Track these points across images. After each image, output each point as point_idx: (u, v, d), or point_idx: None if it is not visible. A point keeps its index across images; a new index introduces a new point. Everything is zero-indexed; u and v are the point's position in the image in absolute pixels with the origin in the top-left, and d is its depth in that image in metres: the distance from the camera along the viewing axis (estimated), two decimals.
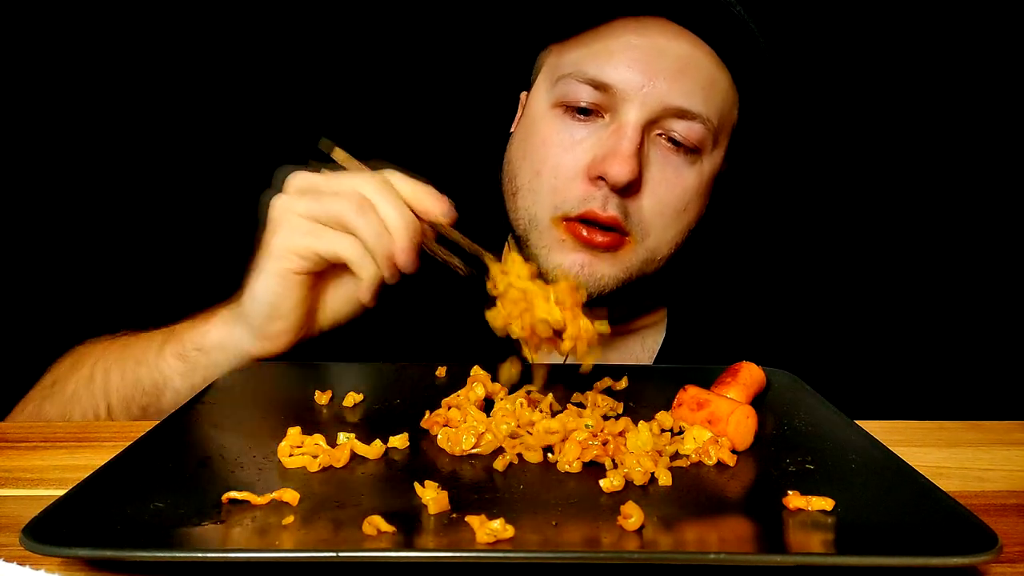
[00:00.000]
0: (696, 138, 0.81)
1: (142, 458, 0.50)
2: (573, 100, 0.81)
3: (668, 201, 0.82)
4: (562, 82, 0.82)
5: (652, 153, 0.81)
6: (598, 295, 0.82)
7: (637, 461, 0.50)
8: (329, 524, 0.43)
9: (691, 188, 0.83)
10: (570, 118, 0.83)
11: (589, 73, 0.80)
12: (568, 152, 0.82)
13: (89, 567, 0.41)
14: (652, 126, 0.81)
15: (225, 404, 0.62)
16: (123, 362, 0.74)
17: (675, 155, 0.82)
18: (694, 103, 0.80)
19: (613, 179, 0.77)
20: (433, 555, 0.40)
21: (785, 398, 0.64)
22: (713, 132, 0.82)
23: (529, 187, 0.85)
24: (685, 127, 0.81)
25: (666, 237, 0.84)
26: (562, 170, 0.82)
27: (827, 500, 0.45)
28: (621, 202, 0.79)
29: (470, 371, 0.67)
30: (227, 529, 0.42)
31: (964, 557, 0.39)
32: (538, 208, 0.83)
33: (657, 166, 0.81)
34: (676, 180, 0.82)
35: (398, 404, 0.64)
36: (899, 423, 0.64)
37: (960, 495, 0.47)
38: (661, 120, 0.80)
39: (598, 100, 0.81)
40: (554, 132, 0.83)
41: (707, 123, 0.81)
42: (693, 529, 0.44)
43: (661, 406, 0.60)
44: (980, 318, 1.37)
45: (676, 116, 0.80)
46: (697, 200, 0.85)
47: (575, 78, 0.81)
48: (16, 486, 0.52)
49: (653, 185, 0.81)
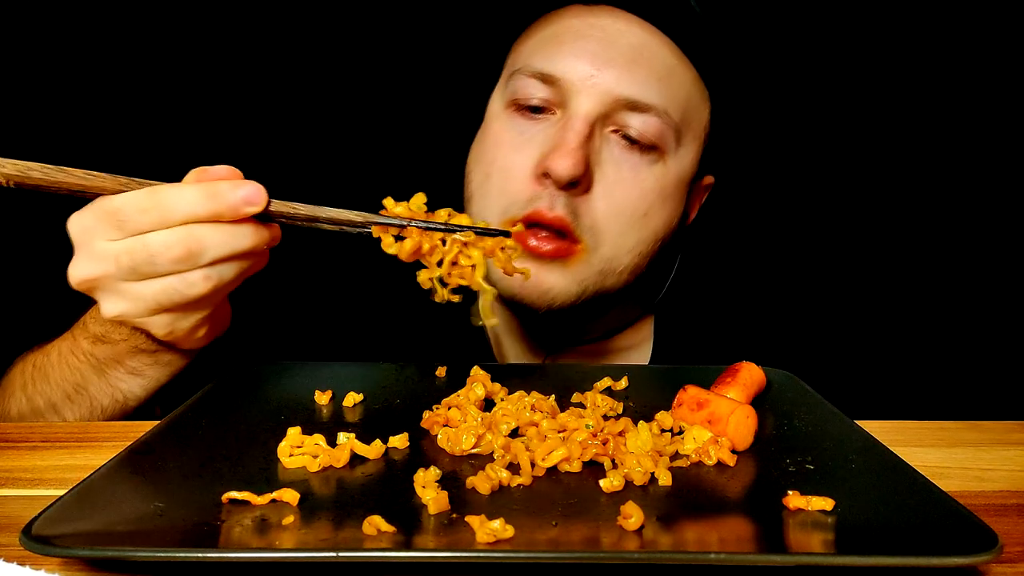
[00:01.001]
0: (653, 134, 0.75)
1: (142, 458, 0.50)
2: (524, 97, 0.77)
3: (624, 203, 0.76)
4: (513, 78, 0.78)
5: (605, 150, 0.76)
6: (547, 309, 0.77)
7: (637, 461, 0.50)
8: (329, 524, 0.43)
9: (651, 190, 0.77)
10: (521, 117, 0.78)
11: (536, 66, 0.76)
12: (517, 151, 0.77)
13: (89, 567, 0.41)
14: (605, 121, 0.75)
15: (225, 404, 0.62)
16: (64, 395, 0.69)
17: (631, 153, 0.76)
18: (648, 94, 0.74)
19: (556, 174, 0.72)
20: (433, 555, 0.40)
21: (785, 398, 0.64)
22: (674, 128, 0.76)
23: (480, 191, 0.80)
24: (641, 121, 0.75)
25: (624, 244, 0.77)
26: (510, 170, 0.77)
27: (827, 500, 0.45)
28: (570, 202, 0.74)
29: (470, 371, 0.67)
30: (227, 529, 0.42)
31: (964, 557, 0.39)
32: (488, 212, 0.78)
33: (612, 164, 0.75)
34: (633, 180, 0.76)
35: (398, 404, 0.64)
36: (899, 423, 0.64)
37: (960, 495, 0.47)
38: (614, 114, 0.75)
39: (548, 96, 0.76)
40: (504, 131, 0.79)
41: (664, 116, 0.75)
42: (693, 529, 0.44)
43: (661, 406, 0.60)
44: (980, 318, 1.37)
45: (629, 108, 0.75)
46: (662, 204, 0.78)
47: (524, 72, 0.77)
48: (16, 486, 0.52)
49: (607, 185, 0.75)
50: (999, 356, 1.35)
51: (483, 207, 0.79)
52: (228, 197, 0.55)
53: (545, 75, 0.76)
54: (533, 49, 0.78)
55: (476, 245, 0.61)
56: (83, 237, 0.56)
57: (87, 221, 0.56)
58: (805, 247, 1.36)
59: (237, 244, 0.56)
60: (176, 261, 0.55)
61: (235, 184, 0.56)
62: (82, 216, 0.57)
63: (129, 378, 0.67)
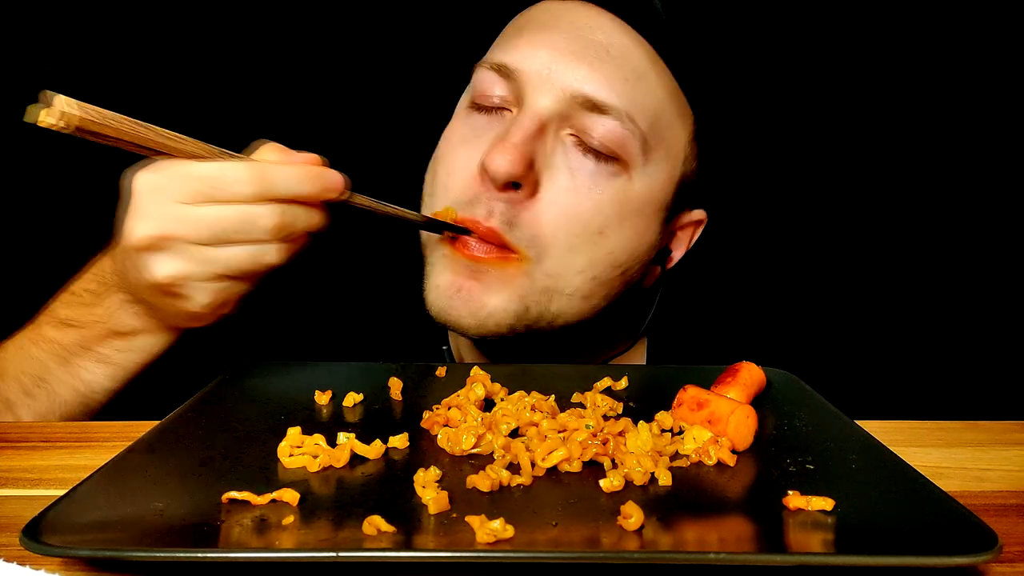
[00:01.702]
0: (614, 140, 0.68)
1: (142, 458, 0.50)
2: (483, 93, 0.71)
3: (575, 214, 0.68)
4: (475, 73, 0.73)
5: (560, 153, 0.69)
6: (477, 333, 0.70)
7: (637, 461, 0.50)
8: (329, 524, 0.43)
9: (607, 204, 0.69)
10: (477, 113, 0.73)
11: (495, 58, 0.71)
12: (464, 146, 0.71)
13: (89, 567, 0.41)
14: (563, 122, 0.69)
15: (225, 404, 0.62)
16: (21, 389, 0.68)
17: (588, 159, 0.69)
18: (609, 95, 0.67)
19: (491, 170, 0.65)
20: (433, 555, 0.40)
21: (785, 398, 0.64)
22: (639, 138, 0.69)
23: (429, 189, 0.75)
24: (601, 125, 0.67)
25: (573, 263, 0.69)
26: (455, 168, 0.71)
27: (827, 500, 0.45)
28: (509, 209, 0.67)
29: (470, 371, 0.67)
30: (227, 529, 0.42)
31: (964, 557, 0.39)
32: (433, 212, 0.73)
33: (565, 170, 0.69)
34: (588, 190, 0.68)
35: (398, 404, 0.64)
36: (899, 423, 0.64)
37: (960, 495, 0.47)
38: (572, 114, 0.68)
39: (506, 92, 0.70)
40: (458, 128, 0.74)
41: (626, 122, 0.68)
42: (693, 529, 0.44)
43: (661, 406, 0.60)
44: (980, 318, 1.37)
45: (588, 109, 0.68)
46: (620, 224, 0.70)
47: (483, 66, 0.72)
48: (16, 486, 0.52)
49: (557, 192, 0.68)
50: (999, 356, 1.35)
51: (429, 206, 0.75)
52: (329, 181, 0.59)
53: (502, 67, 0.70)
54: (498, 42, 0.75)
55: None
56: (153, 196, 0.56)
57: (160, 181, 0.56)
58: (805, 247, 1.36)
59: (316, 223, 0.60)
60: (272, 232, 0.57)
61: (331, 171, 0.60)
62: (153, 175, 0.56)
63: (96, 367, 0.65)
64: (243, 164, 0.57)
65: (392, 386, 0.66)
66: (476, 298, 0.69)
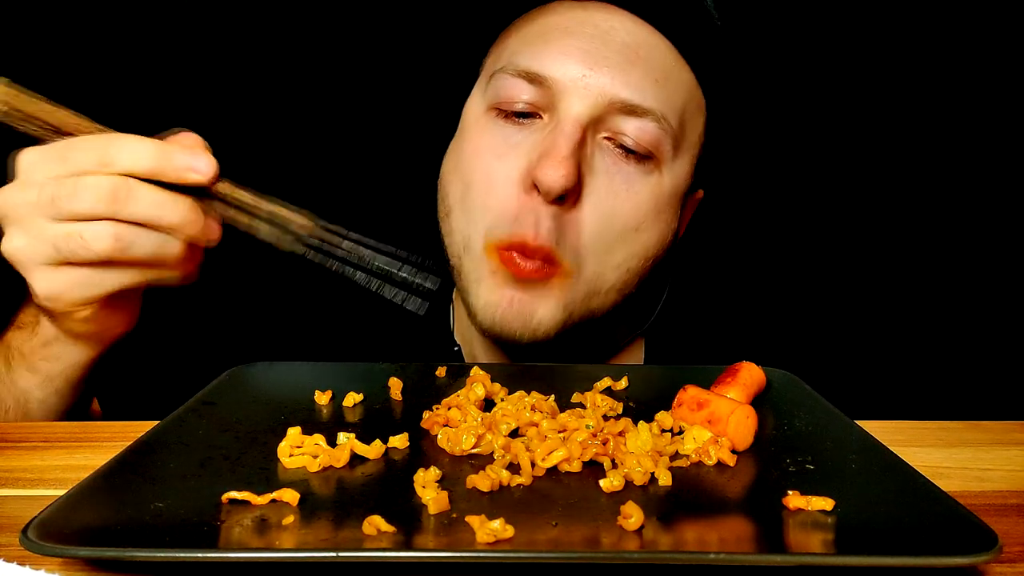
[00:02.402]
0: (650, 140, 0.69)
1: (142, 458, 0.50)
2: (508, 100, 0.70)
3: (615, 217, 0.70)
4: (495, 78, 0.71)
5: (598, 159, 0.69)
6: (531, 339, 0.71)
7: (637, 461, 0.50)
8: (329, 524, 0.43)
9: (645, 203, 0.70)
10: (504, 121, 0.71)
11: (521, 64, 0.69)
12: (500, 159, 0.70)
13: (89, 567, 0.41)
14: (598, 126, 0.69)
15: (225, 404, 0.62)
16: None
17: (626, 162, 0.70)
18: (644, 97, 0.68)
19: (546, 185, 0.65)
20: (433, 555, 0.40)
21: (785, 398, 0.64)
22: (671, 136, 0.70)
23: (461, 205, 0.73)
24: (636, 127, 0.68)
25: (611, 260, 0.71)
26: (493, 181, 0.70)
27: (827, 500, 0.45)
28: (558, 221, 0.68)
29: (470, 371, 0.67)
30: (227, 529, 0.42)
31: (964, 557, 0.39)
32: (471, 229, 0.72)
33: (604, 175, 0.69)
34: (626, 192, 0.70)
35: (398, 404, 0.64)
36: (899, 423, 0.64)
37: (960, 495, 0.47)
38: (607, 118, 0.69)
39: (535, 98, 0.69)
40: (485, 138, 0.72)
41: (662, 122, 0.69)
42: (693, 529, 0.44)
43: (661, 406, 0.60)
44: (980, 318, 1.37)
45: (624, 113, 0.68)
46: (656, 220, 0.72)
47: (507, 72, 0.70)
48: (16, 486, 0.52)
49: (597, 198, 0.69)
50: (999, 356, 1.35)
51: (465, 223, 0.73)
52: (176, 158, 0.53)
53: (532, 74, 0.69)
54: (518, 47, 0.72)
55: None
56: (26, 168, 0.54)
57: (35, 156, 0.54)
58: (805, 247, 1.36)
59: (164, 211, 0.53)
60: (96, 202, 0.51)
61: (188, 149, 0.54)
62: (34, 151, 0.54)
63: (27, 374, 0.64)
64: (97, 134, 0.53)
65: (392, 386, 0.66)
66: (527, 311, 0.70)
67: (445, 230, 0.77)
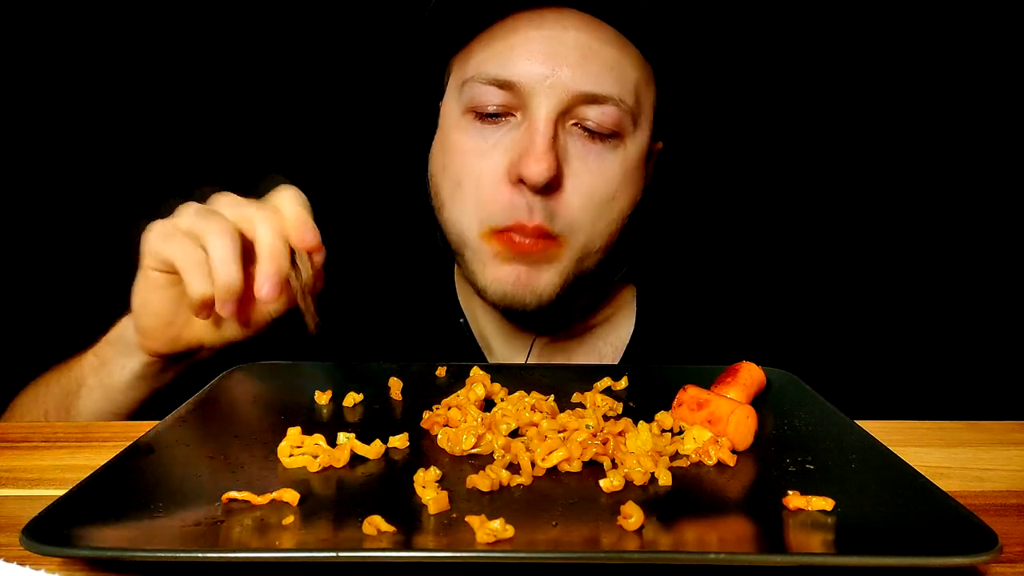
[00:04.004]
0: (612, 122, 0.78)
1: (142, 458, 0.50)
2: (480, 104, 0.78)
3: (594, 193, 0.79)
4: (467, 86, 0.79)
5: (570, 145, 0.78)
6: (537, 307, 0.80)
7: (637, 461, 0.50)
8: (329, 524, 0.43)
9: (616, 174, 0.80)
10: (480, 122, 0.79)
11: (491, 73, 0.77)
12: (483, 158, 0.78)
13: (89, 567, 0.41)
14: (565, 117, 0.77)
15: (225, 404, 0.62)
16: (61, 370, 0.76)
17: (593, 143, 0.79)
18: (603, 86, 0.77)
19: (531, 179, 0.74)
20: (433, 555, 0.40)
21: (785, 398, 0.64)
22: (630, 113, 0.79)
23: (452, 200, 0.82)
24: (598, 112, 0.77)
25: (596, 229, 0.81)
26: (480, 178, 0.78)
27: (827, 500, 0.45)
28: (546, 205, 0.77)
29: (470, 371, 0.67)
30: (227, 529, 0.42)
31: (964, 557, 0.39)
32: (464, 222, 0.80)
33: (577, 158, 0.78)
34: (599, 169, 0.79)
35: (398, 404, 0.64)
36: (899, 423, 0.64)
37: (960, 495, 0.47)
38: (572, 109, 0.77)
39: (506, 100, 0.77)
40: (467, 139, 0.80)
41: (620, 104, 0.78)
42: (693, 529, 0.44)
43: (661, 406, 0.60)
44: (980, 318, 1.37)
45: (587, 102, 0.77)
46: (627, 185, 0.81)
47: (478, 80, 0.78)
48: (16, 486, 0.52)
49: (576, 179, 0.78)
50: (999, 356, 1.35)
51: (459, 215, 0.81)
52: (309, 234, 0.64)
53: (501, 81, 0.77)
54: (484, 57, 0.79)
55: None
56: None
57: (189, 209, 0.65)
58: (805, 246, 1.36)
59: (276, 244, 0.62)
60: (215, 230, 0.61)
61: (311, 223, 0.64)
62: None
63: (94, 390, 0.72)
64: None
65: (392, 386, 0.66)
66: (533, 281, 0.79)
67: (440, 222, 0.85)
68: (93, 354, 0.73)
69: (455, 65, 0.84)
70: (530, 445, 0.53)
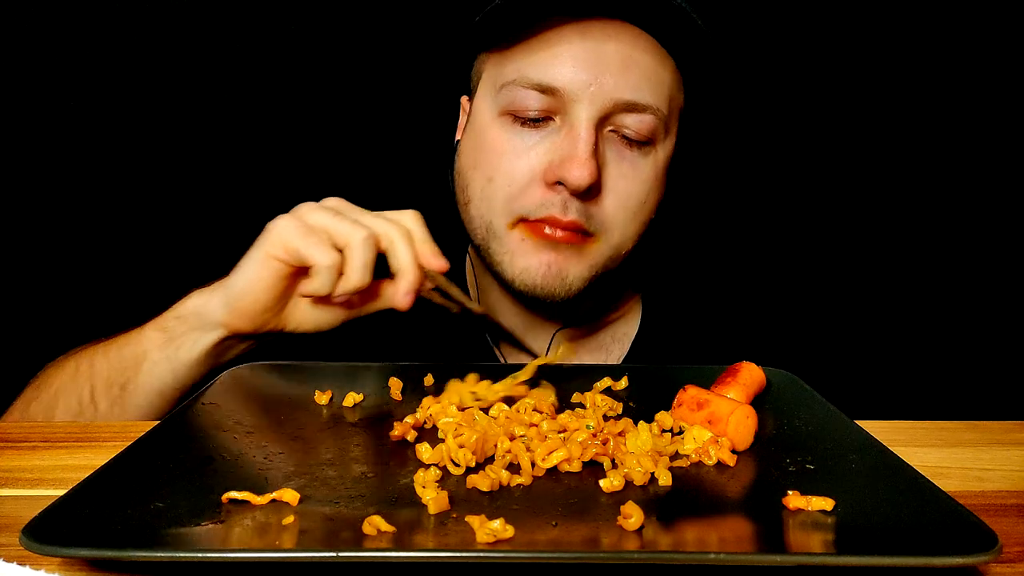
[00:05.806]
0: (648, 130, 0.80)
1: (142, 458, 0.50)
2: (521, 108, 0.80)
3: (628, 197, 0.81)
4: (507, 89, 0.81)
5: (608, 151, 0.80)
6: (564, 298, 0.81)
7: (637, 461, 0.50)
8: (329, 524, 0.43)
9: (649, 180, 0.83)
10: (519, 125, 0.81)
11: (534, 78, 0.79)
12: (521, 158, 0.80)
13: (89, 567, 0.41)
14: (604, 123, 0.80)
15: (225, 404, 0.62)
16: (108, 348, 0.75)
17: (629, 150, 0.81)
18: (642, 95, 0.79)
19: (573, 184, 0.76)
20: (433, 555, 0.40)
21: (785, 398, 0.64)
22: (663, 120, 0.81)
23: (482, 195, 0.83)
24: (636, 120, 0.79)
25: (628, 231, 0.83)
26: (515, 176, 0.80)
27: (827, 500, 0.45)
28: (581, 205, 0.79)
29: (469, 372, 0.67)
30: (227, 529, 0.42)
31: (964, 557, 0.39)
32: (493, 215, 0.82)
33: (614, 164, 0.80)
34: (633, 175, 0.81)
35: (398, 404, 0.64)
36: (899, 423, 0.64)
37: (960, 495, 0.47)
38: (612, 116, 0.79)
39: (546, 105, 0.79)
40: (504, 140, 0.81)
41: (657, 113, 0.80)
42: (693, 529, 0.44)
43: (661, 406, 0.60)
44: (979, 318, 1.37)
45: (626, 110, 0.79)
46: (656, 189, 0.84)
47: (520, 84, 0.79)
48: (16, 486, 0.52)
49: (612, 184, 0.80)
50: (999, 356, 1.35)
51: (488, 210, 0.83)
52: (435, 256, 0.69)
53: (545, 86, 0.78)
54: (526, 62, 0.80)
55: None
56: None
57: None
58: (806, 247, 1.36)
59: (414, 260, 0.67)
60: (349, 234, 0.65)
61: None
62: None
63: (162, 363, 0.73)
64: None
65: (392, 386, 0.66)
66: (562, 272, 0.81)
67: (465, 217, 0.87)
68: (158, 328, 0.73)
69: (488, 66, 0.85)
70: (530, 445, 0.53)
